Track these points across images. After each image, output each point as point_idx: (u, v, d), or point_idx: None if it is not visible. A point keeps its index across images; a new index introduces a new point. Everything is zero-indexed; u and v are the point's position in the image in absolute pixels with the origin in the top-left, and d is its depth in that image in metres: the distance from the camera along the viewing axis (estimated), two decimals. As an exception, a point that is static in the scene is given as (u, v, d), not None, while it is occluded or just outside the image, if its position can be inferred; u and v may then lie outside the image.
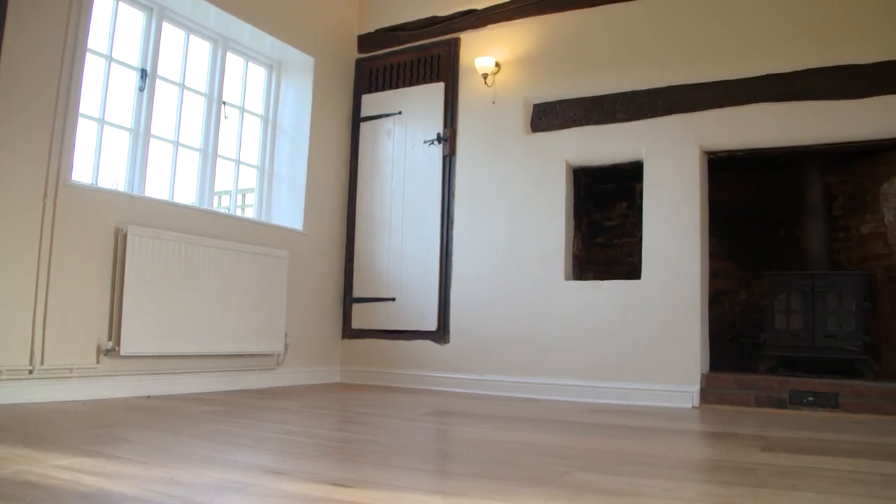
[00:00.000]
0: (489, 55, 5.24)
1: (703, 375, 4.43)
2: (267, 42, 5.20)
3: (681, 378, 4.45)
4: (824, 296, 4.54)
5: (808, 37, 4.42)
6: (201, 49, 4.96)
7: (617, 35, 4.94)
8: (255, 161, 5.39)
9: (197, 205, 4.81)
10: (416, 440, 3.07)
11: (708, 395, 4.40)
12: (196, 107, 4.91)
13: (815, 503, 1.96)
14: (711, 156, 4.69)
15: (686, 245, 4.54)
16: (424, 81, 5.55)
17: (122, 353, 3.92)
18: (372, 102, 5.74)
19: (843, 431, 3.42)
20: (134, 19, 4.47)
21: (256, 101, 5.44)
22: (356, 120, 5.79)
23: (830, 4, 4.40)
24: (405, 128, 5.54)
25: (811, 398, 4.18)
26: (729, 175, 5.30)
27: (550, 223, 4.93)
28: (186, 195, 4.85)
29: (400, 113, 5.57)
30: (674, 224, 4.59)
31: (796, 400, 4.21)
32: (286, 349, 5.02)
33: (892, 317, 4.76)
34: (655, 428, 3.50)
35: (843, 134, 4.32)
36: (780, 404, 4.24)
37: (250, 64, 5.34)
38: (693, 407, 4.37)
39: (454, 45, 5.47)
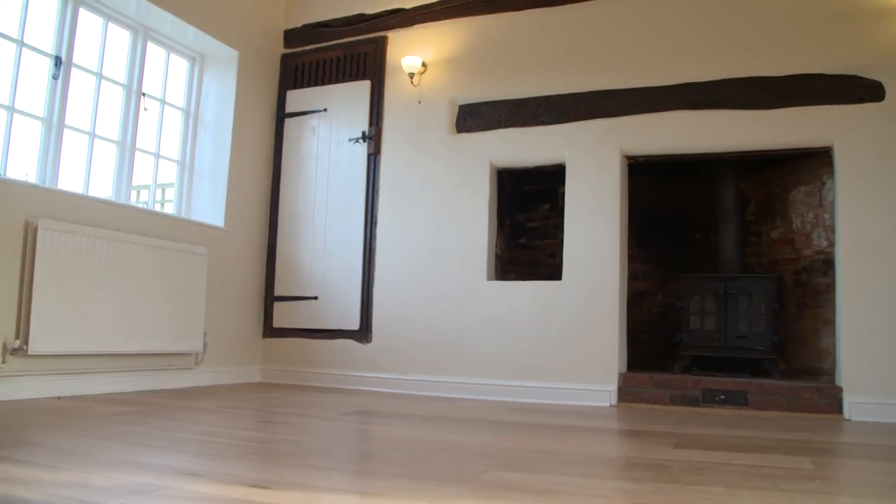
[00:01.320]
0: (416, 55, 5.24)
1: (620, 375, 4.54)
2: (190, 33, 5.07)
3: (599, 377, 4.54)
4: (736, 298, 4.72)
5: (725, 49, 4.59)
6: (120, 38, 4.79)
7: (542, 39, 5.01)
8: (176, 155, 5.24)
9: (113, 199, 4.64)
10: (335, 440, 3.04)
11: (625, 393, 4.51)
12: (114, 97, 4.73)
13: (724, 497, 2.02)
14: (632, 160, 4.81)
15: (606, 247, 4.64)
16: (351, 79, 5.51)
17: (30, 353, 3.74)
18: (297, 99, 5.66)
19: (752, 428, 3.55)
20: (48, 4, 4.29)
21: (178, 94, 5.29)
22: (281, 116, 5.70)
23: (745, 20, 4.58)
24: (330, 125, 5.49)
25: (722, 396, 4.32)
26: (648, 179, 5.44)
27: (474, 224, 4.96)
28: (102, 189, 4.68)
29: (325, 110, 5.52)
30: (595, 226, 4.68)
31: (709, 398, 4.35)
32: (205, 348, 4.90)
33: (798, 318, 4.98)
34: (573, 426, 3.56)
35: (755, 142, 4.50)
36: (694, 402, 4.37)
37: (172, 55, 5.19)
38: (611, 405, 4.46)
39: (381, 44, 5.45)
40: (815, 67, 4.42)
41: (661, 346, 5.39)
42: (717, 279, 4.81)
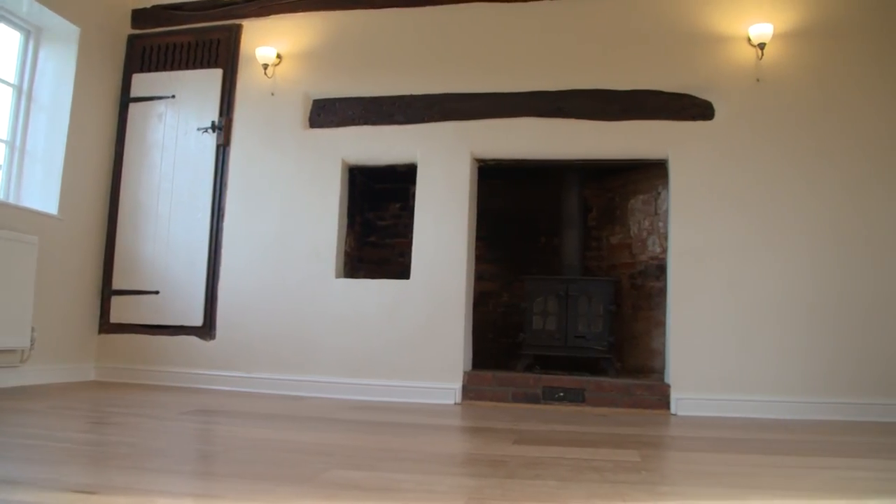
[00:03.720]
0: (271, 45, 5.11)
1: (465, 373, 4.62)
2: (24, 3, 4.70)
3: (445, 376, 4.61)
4: (577, 300, 4.91)
5: (574, 60, 4.78)
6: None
7: (400, 39, 5.02)
8: (5, 135, 4.87)
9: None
10: (172, 441, 2.91)
11: (469, 391, 4.59)
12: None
13: (556, 490, 2.09)
14: (482, 163, 4.91)
15: (454, 248, 4.71)
16: (202, 66, 5.31)
17: None
18: (144, 83, 5.39)
19: (587, 424, 3.70)
20: None
21: (9, 69, 4.91)
22: (125, 100, 5.39)
23: (593, 35, 4.80)
24: (178, 113, 5.27)
25: (562, 394, 4.49)
26: (497, 182, 5.57)
27: (324, 220, 4.91)
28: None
29: (173, 97, 5.29)
30: (444, 227, 4.74)
31: (549, 396, 4.50)
32: (33, 344, 4.56)
33: (633, 320, 5.24)
34: (417, 424, 3.58)
35: (599, 152, 4.70)
36: (535, 400, 4.51)
37: (3, 26, 4.82)
38: (455, 403, 4.53)
39: (235, 32, 5.28)
40: (656, 84, 4.69)
41: (505, 345, 5.54)
42: (559, 281, 4.98)
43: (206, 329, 4.99)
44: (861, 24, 4.54)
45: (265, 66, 5.08)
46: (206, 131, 5.17)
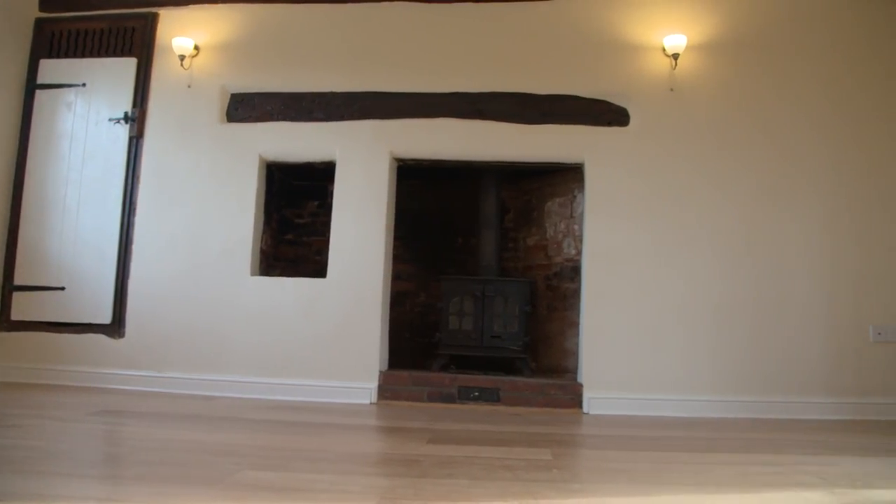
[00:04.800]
0: (188, 36, 4.99)
1: (381, 373, 4.61)
2: (-81, -17, 4.48)
3: (361, 375, 4.59)
4: (493, 300, 4.96)
5: (495, 63, 4.83)
6: None
7: (321, 34, 4.97)
8: None
9: None
10: (77, 443, 2.82)
11: (385, 391, 4.59)
12: None
13: (469, 489, 2.13)
14: (401, 162, 4.91)
15: (372, 247, 4.70)
16: (115, 54, 5.13)
17: None
18: (52, 69, 5.17)
19: (501, 423, 3.75)
20: None
21: None
22: (31, 87, 5.16)
23: (515, 38, 4.86)
24: (89, 102, 5.08)
25: (477, 393, 4.53)
26: (416, 182, 5.58)
27: (239, 217, 4.82)
28: None
29: (84, 85, 5.10)
30: (361, 226, 4.72)
31: (464, 395, 4.54)
32: (-76, 341, 4.36)
33: (548, 320, 5.33)
34: (331, 424, 3.56)
35: (517, 154, 4.76)
36: (450, 399, 4.54)
37: None
38: (371, 403, 4.52)
39: (152, 20, 5.13)
40: (574, 90, 4.79)
41: (421, 345, 5.56)
42: (475, 281, 5.02)
43: (115, 327, 4.84)
44: (768, 38, 4.75)
45: (182, 58, 4.95)
46: (118, 122, 5.01)
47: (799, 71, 4.71)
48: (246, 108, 4.98)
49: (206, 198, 4.86)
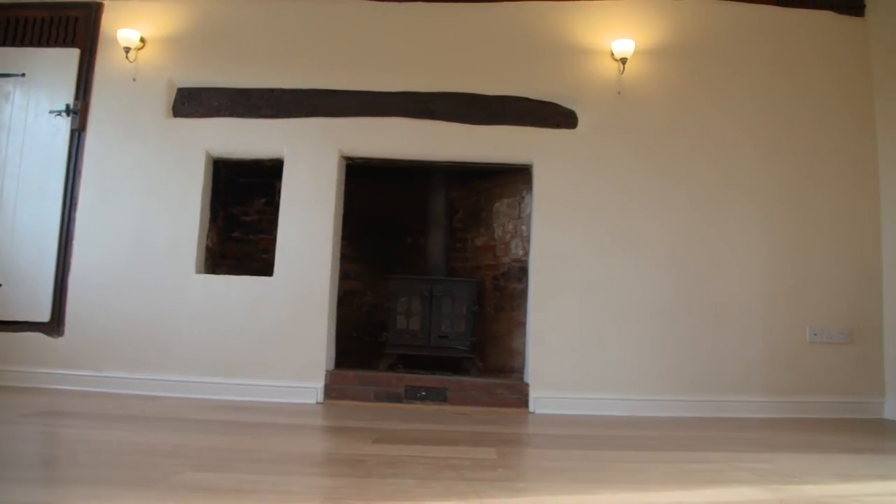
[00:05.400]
0: (134, 28, 4.89)
1: (328, 372, 4.59)
2: None
3: (307, 375, 4.56)
4: (441, 300, 4.98)
5: (446, 63, 4.85)
6: None
7: (270, 30, 4.92)
8: None
9: None
10: (11, 446, 2.72)
11: (332, 391, 4.57)
12: None
13: (414, 489, 2.13)
14: (349, 161, 4.88)
15: (319, 245, 4.67)
16: (57, 44, 4.99)
17: None
18: (-11, 58, 5.03)
19: (448, 423, 3.77)
20: None
21: None
22: (-34, 76, 5.03)
23: (466, 39, 4.89)
24: (28, 93, 4.94)
25: (424, 393, 4.54)
26: (365, 181, 5.56)
27: (185, 214, 4.73)
28: None
29: (23, 75, 4.95)
30: (309, 224, 4.69)
31: (411, 395, 4.55)
32: None
33: (495, 320, 5.37)
34: (277, 424, 3.53)
35: (466, 154, 4.78)
36: (397, 399, 4.54)
37: None
38: (317, 403, 4.49)
39: (96, 10, 5.00)
40: (523, 91, 4.84)
41: (369, 344, 5.54)
42: (423, 281, 5.03)
43: (54, 325, 4.71)
44: (712, 46, 4.87)
45: (127, 50, 4.85)
46: (59, 115, 4.88)
47: (739, 80, 4.85)
48: (193, 102, 4.90)
49: (151, 193, 4.76)
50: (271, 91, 4.86)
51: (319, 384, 4.55)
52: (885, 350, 4.67)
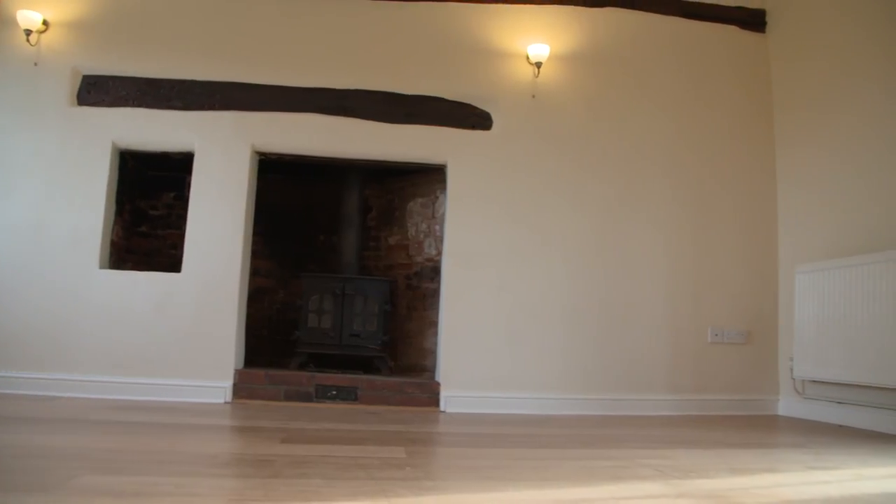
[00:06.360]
0: (36, 10, 4.66)
1: (237, 371, 4.52)
2: None
3: (215, 373, 4.48)
4: (353, 298, 4.97)
5: (362, 60, 4.84)
6: None
7: (182, 19, 4.80)
8: None
9: None
10: None
11: (241, 390, 4.50)
12: None
13: (321, 489, 2.12)
14: (263, 156, 4.82)
15: (230, 242, 4.59)
16: (-49, 24, 4.75)
17: None
18: None
19: (358, 422, 3.76)
20: None
21: None
22: None
23: (383, 37, 4.90)
24: (-82, 74, 4.67)
25: (335, 392, 4.53)
26: (278, 178, 5.50)
27: (88, 206, 4.56)
28: None
29: (-87, 56, 4.68)
30: (220, 219, 4.60)
31: (322, 394, 4.53)
32: None
33: (407, 319, 5.40)
34: (182, 424, 3.46)
35: (381, 153, 4.79)
36: (308, 398, 4.51)
37: None
38: (226, 402, 4.41)
39: (-6, -10, 4.78)
40: (440, 92, 4.88)
41: (280, 343, 5.48)
42: (335, 279, 5.02)
43: (-57, 319, 4.47)
44: (624, 54, 5.05)
45: (28, 32, 4.62)
46: (-49, 99, 4.63)
47: (649, 88, 5.04)
48: (99, 91, 4.73)
49: (53, 184, 4.56)
50: (182, 82, 4.74)
51: (228, 383, 4.47)
52: (780, 350, 4.94)
